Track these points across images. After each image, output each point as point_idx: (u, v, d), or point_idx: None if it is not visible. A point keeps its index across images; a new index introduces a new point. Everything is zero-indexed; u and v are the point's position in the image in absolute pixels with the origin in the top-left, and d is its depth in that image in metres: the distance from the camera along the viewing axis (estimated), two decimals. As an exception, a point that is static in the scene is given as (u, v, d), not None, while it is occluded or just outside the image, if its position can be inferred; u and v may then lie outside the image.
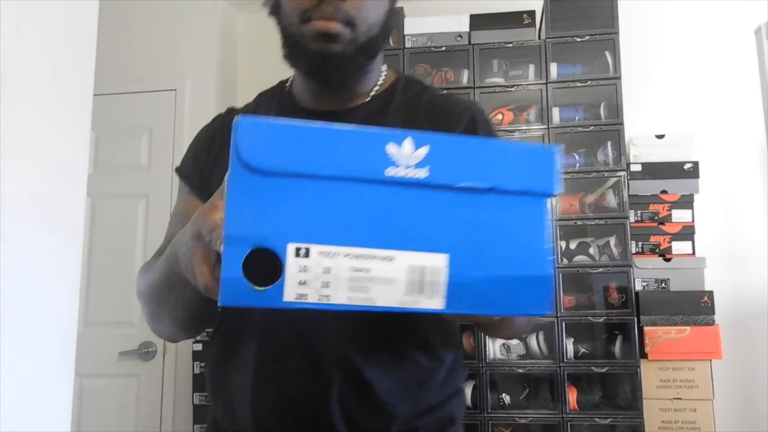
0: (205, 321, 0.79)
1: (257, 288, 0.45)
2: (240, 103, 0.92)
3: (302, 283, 0.45)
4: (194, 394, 2.36)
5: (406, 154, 0.47)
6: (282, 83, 0.91)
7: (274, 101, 0.88)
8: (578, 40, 2.35)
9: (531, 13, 2.44)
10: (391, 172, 0.47)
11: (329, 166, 0.46)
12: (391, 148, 0.47)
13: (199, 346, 2.35)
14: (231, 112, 0.91)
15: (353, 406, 0.73)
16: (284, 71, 0.85)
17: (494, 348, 2.26)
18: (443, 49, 2.43)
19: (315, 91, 0.83)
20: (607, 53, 2.33)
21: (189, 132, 2.67)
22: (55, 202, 1.31)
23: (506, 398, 2.22)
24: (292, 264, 0.45)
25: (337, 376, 0.72)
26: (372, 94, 0.84)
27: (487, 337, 2.20)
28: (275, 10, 0.80)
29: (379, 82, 0.86)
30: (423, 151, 0.47)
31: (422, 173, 0.47)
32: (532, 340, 2.25)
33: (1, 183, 1.14)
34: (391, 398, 0.73)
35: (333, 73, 0.77)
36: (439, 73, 2.46)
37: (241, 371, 0.76)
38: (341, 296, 0.45)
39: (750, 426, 2.37)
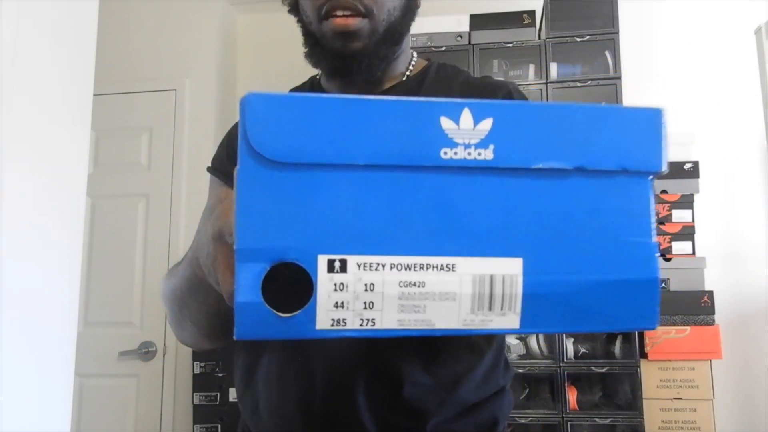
0: (233, 329, 0.71)
1: (281, 315, 0.37)
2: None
3: (339, 306, 0.37)
4: (194, 394, 2.36)
5: (466, 130, 0.37)
6: (313, 77, 0.88)
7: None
8: (578, 40, 2.35)
9: (531, 13, 2.44)
10: (447, 154, 0.37)
11: (367, 150, 0.37)
12: (447, 123, 0.37)
13: (199, 346, 2.35)
14: None
15: (382, 400, 0.68)
16: (283, 70, 0.85)
17: (494, 348, 2.25)
18: (443, 49, 2.42)
19: (342, 84, 0.80)
20: (607, 53, 2.33)
21: (189, 132, 2.67)
22: (55, 201, 1.31)
23: (506, 398, 2.21)
24: (325, 282, 0.37)
25: (365, 367, 0.68)
26: (403, 79, 0.82)
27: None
28: (294, 8, 0.78)
29: (410, 68, 0.83)
30: (485, 124, 0.37)
31: (487, 154, 0.37)
32: (532, 340, 2.24)
33: (2, 183, 1.14)
34: (423, 394, 0.68)
35: (357, 70, 0.74)
36: (439, 73, 2.45)
37: (267, 366, 0.73)
38: (390, 319, 0.38)
39: (750, 426, 2.37)
